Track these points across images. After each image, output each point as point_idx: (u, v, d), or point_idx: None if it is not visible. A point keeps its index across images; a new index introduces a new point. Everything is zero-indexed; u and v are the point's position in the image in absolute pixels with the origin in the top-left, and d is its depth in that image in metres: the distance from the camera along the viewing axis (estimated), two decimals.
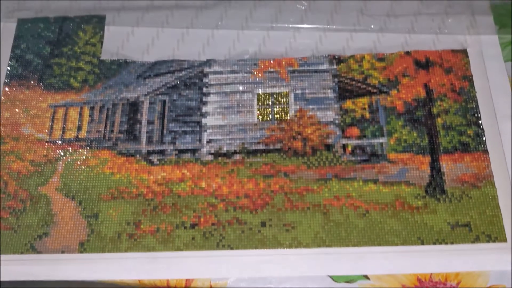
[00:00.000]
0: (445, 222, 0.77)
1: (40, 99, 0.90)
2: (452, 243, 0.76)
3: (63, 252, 0.78)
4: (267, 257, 0.77)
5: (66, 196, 0.82)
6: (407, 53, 0.90)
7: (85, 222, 0.80)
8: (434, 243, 0.76)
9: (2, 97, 0.90)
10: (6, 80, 0.91)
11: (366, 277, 0.75)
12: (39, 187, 0.83)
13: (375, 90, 0.88)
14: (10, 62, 0.93)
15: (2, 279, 0.77)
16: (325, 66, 0.91)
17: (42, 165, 0.85)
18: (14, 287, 0.79)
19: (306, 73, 0.90)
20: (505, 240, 0.76)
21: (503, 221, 0.77)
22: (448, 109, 0.85)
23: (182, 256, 0.77)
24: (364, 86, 0.89)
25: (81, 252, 0.78)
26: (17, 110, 0.89)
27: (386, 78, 0.89)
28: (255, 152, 0.85)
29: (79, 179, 0.83)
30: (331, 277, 0.75)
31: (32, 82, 0.92)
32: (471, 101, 0.86)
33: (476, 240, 0.76)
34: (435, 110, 0.85)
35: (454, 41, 0.91)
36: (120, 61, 0.93)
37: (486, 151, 0.82)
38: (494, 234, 0.76)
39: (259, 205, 0.80)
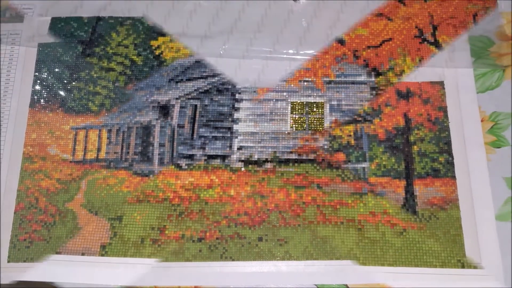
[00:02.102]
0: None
1: (63, 121, 1.01)
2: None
3: (83, 254, 0.88)
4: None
5: (90, 211, 0.94)
6: (391, 83, 1.01)
7: (108, 224, 0.89)
8: None
9: (29, 119, 1.01)
10: (31, 104, 1.02)
11: None
12: (66, 203, 0.95)
13: (360, 119, 0.99)
14: (33, 86, 1.03)
15: (21, 279, 0.88)
16: (363, 78, 0.96)
17: (68, 183, 0.97)
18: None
19: (343, 84, 0.95)
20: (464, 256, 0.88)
21: (464, 240, 0.89)
22: (424, 137, 0.97)
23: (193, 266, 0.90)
24: (350, 114, 0.99)
25: (102, 255, 0.87)
26: (42, 131, 1.00)
27: (370, 107, 0.99)
28: (287, 162, 0.88)
29: (100, 196, 0.95)
30: None
31: (54, 105, 1.02)
32: (444, 130, 0.97)
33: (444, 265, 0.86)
34: (412, 138, 0.97)
35: (433, 73, 1.01)
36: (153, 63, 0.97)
37: (454, 177, 0.94)
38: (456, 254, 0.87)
39: (290, 217, 0.86)
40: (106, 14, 1.05)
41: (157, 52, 0.99)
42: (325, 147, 0.97)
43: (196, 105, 0.91)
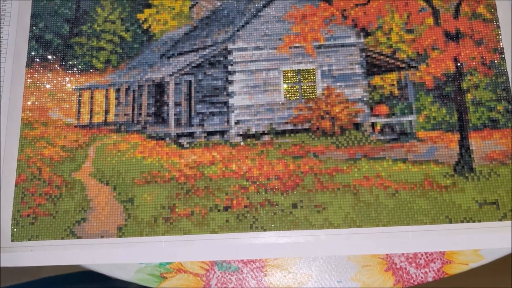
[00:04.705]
0: (473, 200, 0.79)
1: (64, 81, 0.90)
2: (479, 221, 0.78)
3: (102, 237, 0.81)
4: (299, 238, 0.80)
5: (100, 181, 0.84)
6: (437, 23, 0.88)
7: (121, 207, 0.82)
8: (462, 221, 0.78)
9: (26, 81, 0.89)
10: (28, 63, 0.90)
11: None
12: (72, 173, 0.85)
13: (403, 65, 0.87)
14: (29, 44, 0.91)
15: (47, 264, 0.81)
16: (352, 40, 0.88)
17: (74, 151, 0.86)
18: None
19: (333, 47, 0.88)
20: None
21: None
22: (478, 83, 0.84)
23: (216, 239, 0.80)
24: (392, 61, 0.87)
25: (120, 236, 0.81)
26: (42, 94, 0.89)
27: (415, 52, 0.87)
28: (283, 133, 0.85)
29: (111, 164, 0.85)
30: None
31: (54, 64, 0.90)
32: (502, 75, 0.84)
33: (504, 217, 0.78)
34: (464, 85, 0.85)
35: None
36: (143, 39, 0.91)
37: None
38: None
39: (289, 187, 0.82)
40: None
41: (145, 26, 0.93)
42: (364, 99, 0.85)
43: (190, 81, 0.89)
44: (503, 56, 0.85)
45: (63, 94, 0.89)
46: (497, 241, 0.77)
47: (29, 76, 0.90)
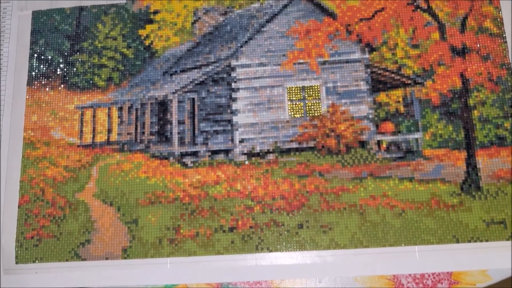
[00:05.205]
0: (480, 219, 0.78)
1: (66, 100, 0.89)
2: (487, 240, 0.78)
3: (107, 258, 0.81)
4: (305, 259, 0.79)
5: (104, 202, 0.83)
6: (443, 38, 0.86)
7: (126, 228, 0.82)
8: (469, 241, 0.78)
9: (27, 99, 0.88)
10: (29, 81, 0.89)
11: None
12: (76, 194, 0.84)
13: (409, 81, 0.85)
14: (30, 61, 0.90)
15: (52, 286, 0.80)
16: (357, 55, 0.87)
17: (77, 171, 0.85)
18: None
19: (338, 63, 0.87)
20: None
21: None
22: (485, 100, 0.83)
23: (222, 260, 0.80)
24: (398, 77, 0.86)
25: (125, 258, 0.80)
26: (44, 113, 0.88)
27: (421, 68, 0.86)
28: (288, 151, 0.84)
29: (115, 184, 0.84)
30: None
31: (55, 82, 0.89)
32: (509, 91, 0.83)
33: (511, 237, 0.77)
34: (471, 102, 0.84)
35: None
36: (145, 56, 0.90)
37: None
38: None
39: (295, 207, 0.81)
40: (88, 2, 0.94)
41: (147, 42, 0.92)
42: (370, 116, 0.85)
43: (193, 99, 0.88)
44: (510, 71, 0.84)
45: (65, 113, 0.88)
46: (505, 261, 0.77)
47: (30, 94, 0.89)
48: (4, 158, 0.85)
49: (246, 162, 0.84)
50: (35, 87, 0.89)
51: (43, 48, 0.91)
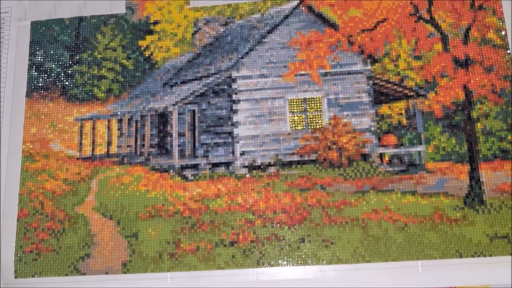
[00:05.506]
0: (483, 234, 0.78)
1: (65, 112, 0.88)
2: (490, 255, 0.77)
3: (107, 273, 0.80)
4: (307, 274, 0.78)
5: (103, 215, 0.82)
6: (446, 49, 0.86)
7: (126, 242, 0.81)
8: (473, 256, 0.77)
9: (26, 111, 0.88)
10: (27, 93, 0.88)
11: None
12: (75, 207, 0.83)
13: (412, 93, 0.85)
14: (29, 72, 0.89)
15: None
16: (359, 67, 0.87)
17: (76, 184, 0.84)
18: None
19: (339, 75, 0.87)
20: None
21: None
22: (488, 112, 0.83)
23: (223, 275, 0.79)
24: (400, 89, 0.85)
25: (125, 272, 0.80)
26: (43, 125, 0.87)
27: (423, 79, 0.85)
28: (289, 164, 0.83)
29: (114, 197, 0.83)
30: None
31: (54, 93, 0.89)
32: None
33: None
34: (474, 114, 0.83)
35: None
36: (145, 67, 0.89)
37: None
38: None
39: (297, 221, 0.80)
40: (87, 12, 0.93)
41: (146, 53, 0.91)
42: (372, 129, 0.84)
43: (194, 110, 0.87)
44: None
45: (64, 125, 0.87)
46: (508, 276, 0.76)
47: (29, 106, 0.88)
48: (3, 170, 0.85)
49: (247, 175, 0.84)
50: (34, 98, 0.88)
51: (42, 59, 0.90)
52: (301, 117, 0.86)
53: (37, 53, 0.90)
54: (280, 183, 0.83)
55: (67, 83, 0.89)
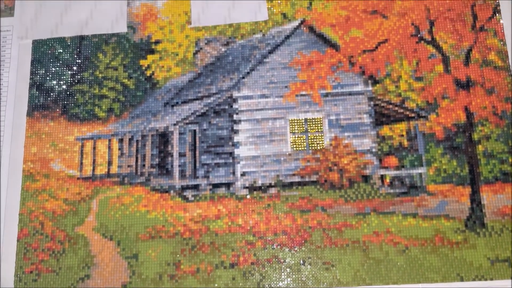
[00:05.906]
0: (484, 257, 0.77)
1: (66, 131, 0.88)
2: (491, 279, 0.77)
3: None
4: None
5: (103, 236, 0.82)
6: (447, 71, 0.86)
7: (126, 263, 0.81)
8: (474, 279, 0.77)
9: (27, 130, 0.88)
10: (28, 112, 0.88)
11: None
12: (75, 228, 0.83)
13: (413, 115, 0.85)
14: (30, 91, 0.90)
15: None
16: (360, 88, 0.87)
17: (76, 204, 0.84)
18: None
19: (340, 96, 0.87)
20: None
21: None
22: (490, 134, 0.83)
23: None
24: (401, 110, 0.85)
25: None
26: (43, 144, 0.87)
27: (424, 101, 0.85)
28: (290, 185, 0.83)
29: (115, 218, 0.83)
30: None
31: (55, 112, 0.89)
32: None
33: None
34: (475, 136, 0.83)
35: None
36: (146, 87, 0.89)
37: None
38: None
39: (297, 243, 0.80)
40: (89, 31, 0.93)
41: (148, 73, 0.91)
42: (373, 150, 0.84)
43: (195, 130, 0.87)
44: None
45: (65, 145, 0.87)
46: None
47: (30, 125, 0.88)
48: (3, 190, 0.85)
49: (248, 196, 0.83)
50: (35, 117, 0.88)
51: (43, 78, 0.90)
52: (302, 138, 0.86)
53: (38, 71, 0.91)
54: (281, 205, 0.83)
55: (68, 102, 0.89)
